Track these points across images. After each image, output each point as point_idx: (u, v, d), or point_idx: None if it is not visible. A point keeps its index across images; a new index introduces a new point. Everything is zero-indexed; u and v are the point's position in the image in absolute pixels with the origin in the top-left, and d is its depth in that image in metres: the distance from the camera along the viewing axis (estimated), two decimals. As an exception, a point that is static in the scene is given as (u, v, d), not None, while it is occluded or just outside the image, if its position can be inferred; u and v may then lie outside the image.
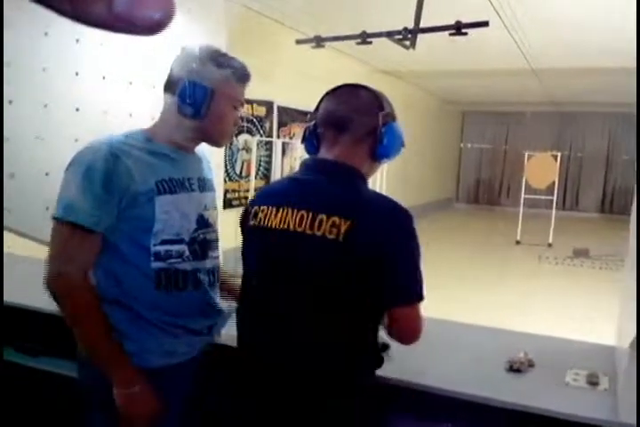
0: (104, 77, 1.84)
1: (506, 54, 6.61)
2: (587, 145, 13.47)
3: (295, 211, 1.23)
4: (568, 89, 9.76)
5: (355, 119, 1.28)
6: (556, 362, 1.71)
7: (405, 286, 1.21)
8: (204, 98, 1.36)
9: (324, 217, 1.19)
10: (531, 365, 1.67)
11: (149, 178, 1.33)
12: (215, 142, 1.50)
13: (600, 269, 7.02)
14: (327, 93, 1.34)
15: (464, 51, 6.37)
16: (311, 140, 1.34)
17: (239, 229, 1.39)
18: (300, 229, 1.22)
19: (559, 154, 9.19)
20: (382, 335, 1.63)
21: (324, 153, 1.31)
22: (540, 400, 1.46)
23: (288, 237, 1.23)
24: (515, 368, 1.64)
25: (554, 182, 9.07)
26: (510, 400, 1.46)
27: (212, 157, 1.63)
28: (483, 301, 5.26)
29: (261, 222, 1.29)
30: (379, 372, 1.38)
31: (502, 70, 7.88)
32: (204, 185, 1.50)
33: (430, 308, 1.37)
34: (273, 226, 1.26)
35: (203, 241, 1.44)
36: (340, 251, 1.17)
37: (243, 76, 1.44)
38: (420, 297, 1.21)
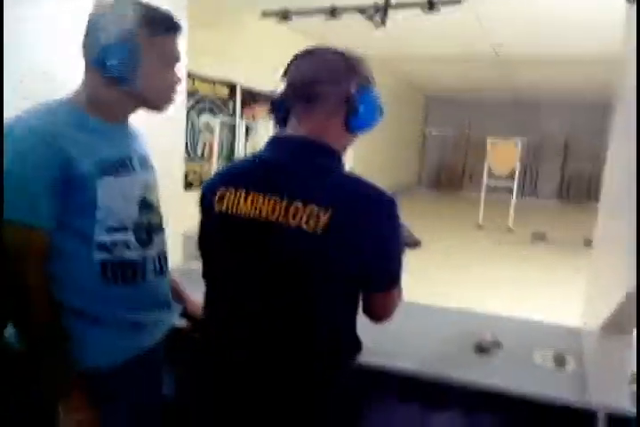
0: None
1: (472, 41, 6.61)
2: (546, 133, 13.72)
3: (267, 197, 1.12)
4: (531, 77, 9.88)
5: (325, 88, 1.13)
6: (523, 343, 1.71)
7: (384, 276, 1.16)
8: (127, 59, 1.17)
9: (300, 205, 1.08)
10: (498, 346, 1.67)
11: (89, 160, 1.17)
12: (154, 107, 1.31)
13: (556, 252, 7.19)
14: (295, 58, 1.19)
15: (431, 35, 6.34)
16: (279, 112, 1.21)
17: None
18: (272, 218, 1.10)
19: (520, 141, 9.32)
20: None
21: (294, 128, 1.17)
22: (509, 380, 1.45)
23: (260, 226, 1.11)
24: (482, 349, 1.64)
25: (514, 169, 9.22)
26: (480, 381, 1.46)
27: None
28: (448, 283, 5.32)
29: (229, 209, 1.15)
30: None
31: (467, 57, 7.90)
32: (144, 163, 1.35)
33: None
34: (242, 213, 1.14)
35: (147, 226, 1.31)
36: (318, 243, 1.07)
37: (170, 25, 1.24)
38: (396, 284, 1.18)
